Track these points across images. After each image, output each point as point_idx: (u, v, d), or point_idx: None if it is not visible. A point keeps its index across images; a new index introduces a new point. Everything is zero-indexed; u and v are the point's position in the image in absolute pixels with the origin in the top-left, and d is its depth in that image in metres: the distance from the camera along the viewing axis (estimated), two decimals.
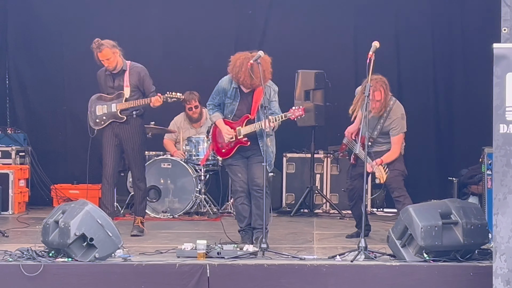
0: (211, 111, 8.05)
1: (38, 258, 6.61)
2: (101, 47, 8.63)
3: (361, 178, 7.79)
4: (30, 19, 12.12)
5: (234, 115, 7.90)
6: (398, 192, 8.17)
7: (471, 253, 6.72)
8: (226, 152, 7.96)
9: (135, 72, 8.86)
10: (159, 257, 6.96)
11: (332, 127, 11.06)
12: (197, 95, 10.83)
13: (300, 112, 7.81)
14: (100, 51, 8.63)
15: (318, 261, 6.71)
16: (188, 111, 10.88)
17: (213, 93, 8.07)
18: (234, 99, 7.88)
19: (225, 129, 7.88)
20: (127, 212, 10.38)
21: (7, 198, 10.66)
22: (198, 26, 12.00)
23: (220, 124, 7.94)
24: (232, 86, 7.87)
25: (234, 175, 7.97)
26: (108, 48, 8.64)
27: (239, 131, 7.82)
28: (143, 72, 8.93)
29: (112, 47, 8.71)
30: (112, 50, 8.69)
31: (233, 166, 7.96)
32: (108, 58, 8.66)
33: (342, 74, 11.38)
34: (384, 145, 8.29)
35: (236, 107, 7.88)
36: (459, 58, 11.42)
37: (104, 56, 8.65)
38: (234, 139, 7.85)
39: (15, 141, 11.37)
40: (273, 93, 7.88)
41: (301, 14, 11.87)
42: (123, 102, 8.74)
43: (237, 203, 7.97)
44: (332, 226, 9.64)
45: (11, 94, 12.14)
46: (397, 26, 11.73)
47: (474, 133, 10.75)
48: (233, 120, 7.91)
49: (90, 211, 6.70)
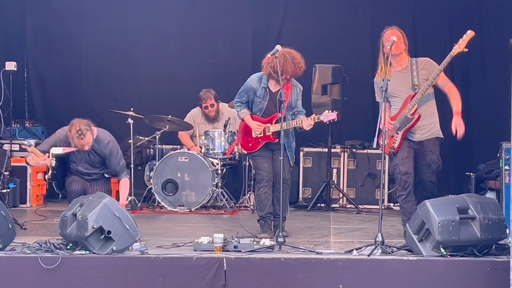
0: (239, 107, 8.17)
1: (56, 251, 6.64)
2: (84, 132, 8.06)
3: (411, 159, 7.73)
4: (48, 14, 12.18)
5: (264, 113, 8.08)
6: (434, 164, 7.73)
7: (488, 248, 6.69)
8: (252, 146, 8.15)
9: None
10: (176, 250, 6.97)
11: (349, 122, 11.06)
12: (213, 93, 10.81)
13: (334, 116, 8.02)
14: (83, 138, 8.08)
15: (335, 255, 6.70)
16: (204, 110, 10.88)
17: (241, 91, 8.17)
18: (264, 98, 8.04)
19: (254, 124, 8.07)
20: (144, 205, 10.41)
21: (25, 191, 10.72)
22: (215, 22, 12.03)
23: (248, 120, 8.11)
24: (262, 85, 8.02)
25: (260, 165, 8.14)
26: (89, 132, 8.11)
27: (268, 128, 8.02)
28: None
29: (90, 128, 8.17)
30: (91, 132, 8.16)
31: (259, 158, 8.15)
32: (88, 142, 8.16)
33: (359, 68, 11.36)
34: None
35: (266, 105, 8.05)
36: (477, 53, 11.36)
37: (86, 141, 8.13)
38: (262, 134, 8.04)
39: (33, 134, 11.43)
40: (299, 91, 8.12)
41: (318, 8, 11.86)
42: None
43: (260, 191, 8.11)
44: (348, 221, 9.63)
45: (29, 88, 12.20)
46: (414, 21, 11.70)
47: (491, 128, 10.72)
48: (262, 117, 8.10)
49: (108, 204, 6.72)
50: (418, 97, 7.58)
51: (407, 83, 7.69)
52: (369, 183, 10.95)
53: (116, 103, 11.50)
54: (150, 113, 10.75)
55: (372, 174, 10.92)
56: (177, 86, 11.96)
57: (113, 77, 12.28)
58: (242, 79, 8.48)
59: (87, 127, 8.10)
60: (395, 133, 7.67)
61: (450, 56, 7.46)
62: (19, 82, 11.84)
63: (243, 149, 8.43)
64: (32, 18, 12.20)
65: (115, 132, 10.62)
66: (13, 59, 11.31)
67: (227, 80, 11.30)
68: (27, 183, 10.73)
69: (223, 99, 10.91)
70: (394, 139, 7.67)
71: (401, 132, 7.64)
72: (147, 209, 10.28)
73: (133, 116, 10.47)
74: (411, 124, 7.62)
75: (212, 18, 12.02)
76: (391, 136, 7.68)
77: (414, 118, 7.59)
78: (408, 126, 7.63)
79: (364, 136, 11.10)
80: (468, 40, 7.44)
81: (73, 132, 8.06)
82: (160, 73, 12.11)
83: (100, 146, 8.32)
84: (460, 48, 7.46)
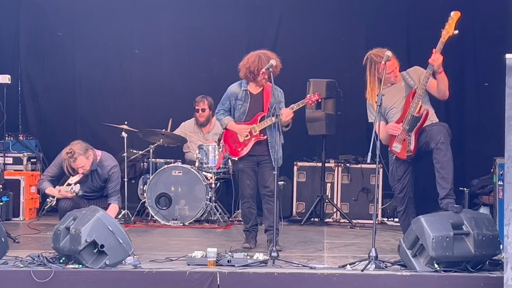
0: (222, 115, 8.31)
1: (48, 264, 6.64)
2: (76, 155, 8.11)
3: (410, 173, 7.71)
4: (42, 27, 12.19)
5: (246, 115, 8.19)
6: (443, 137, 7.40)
7: (482, 264, 6.69)
8: (242, 150, 8.22)
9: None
10: (170, 264, 6.96)
11: (343, 136, 11.08)
12: (209, 99, 10.90)
13: (317, 97, 8.45)
14: (74, 161, 8.14)
15: (328, 270, 6.70)
16: (196, 113, 10.95)
17: (222, 99, 8.37)
18: (245, 100, 8.20)
19: (240, 128, 8.18)
20: (138, 219, 10.39)
21: (18, 204, 10.69)
22: (209, 35, 12.05)
23: (232, 125, 8.23)
24: (242, 88, 8.22)
25: (243, 182, 8.29)
26: (82, 156, 8.16)
27: (254, 129, 8.13)
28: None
29: (85, 152, 8.22)
30: (85, 156, 8.21)
31: (243, 172, 8.26)
32: (82, 165, 8.21)
33: (353, 83, 11.34)
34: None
35: (248, 107, 8.18)
36: (471, 69, 11.40)
37: (78, 164, 8.19)
38: (249, 136, 8.15)
39: (26, 147, 11.42)
40: (280, 94, 8.26)
41: (312, 23, 11.87)
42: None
43: (244, 207, 8.38)
44: (342, 235, 9.63)
45: (23, 101, 12.20)
46: (408, 36, 11.73)
47: (485, 144, 10.72)
48: (245, 121, 8.20)
49: (101, 218, 6.72)
50: (420, 92, 7.46)
51: (401, 91, 7.68)
52: (363, 197, 10.94)
53: (109, 117, 11.49)
54: (144, 126, 10.75)
55: (366, 188, 10.91)
56: (171, 99, 11.96)
57: (107, 91, 12.28)
58: None
59: (81, 152, 8.09)
60: (406, 135, 7.55)
61: (441, 42, 7.34)
62: (13, 95, 11.83)
63: (233, 156, 8.40)
64: (25, 32, 12.21)
65: (108, 146, 10.67)
66: (7, 72, 11.29)
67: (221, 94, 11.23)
68: (20, 196, 10.70)
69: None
70: (407, 142, 7.54)
71: (413, 133, 7.51)
72: (141, 223, 10.25)
73: (127, 129, 10.46)
74: (421, 122, 7.49)
75: (206, 32, 12.04)
76: (403, 140, 7.56)
77: (423, 116, 7.48)
78: (418, 125, 7.50)
79: (358, 151, 11.09)
80: (455, 21, 7.30)
81: (64, 154, 8.11)
82: (154, 86, 12.11)
83: (103, 171, 8.36)
84: (449, 31, 7.32)
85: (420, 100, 7.50)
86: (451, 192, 7.27)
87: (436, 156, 7.37)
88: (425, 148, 7.52)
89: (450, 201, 7.19)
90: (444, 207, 7.15)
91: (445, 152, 7.35)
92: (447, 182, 7.29)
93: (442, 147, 7.35)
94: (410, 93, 7.59)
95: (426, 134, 7.51)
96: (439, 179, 7.33)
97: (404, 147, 7.59)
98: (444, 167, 7.29)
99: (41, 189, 8.34)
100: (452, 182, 7.31)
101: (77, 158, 8.07)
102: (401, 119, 7.61)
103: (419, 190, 9.02)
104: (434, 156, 7.39)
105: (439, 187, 7.33)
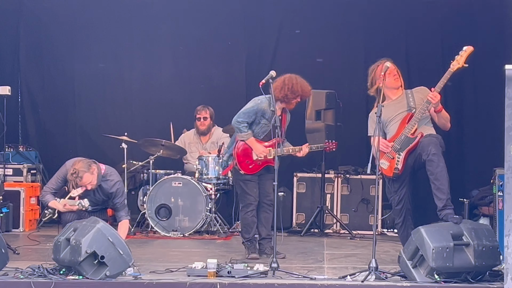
0: (246, 128, 8.28)
1: (49, 276, 6.64)
2: (81, 174, 8.02)
3: (407, 185, 7.69)
4: (41, 38, 12.21)
5: (265, 135, 8.29)
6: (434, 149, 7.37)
7: (482, 275, 6.69)
8: (253, 168, 8.33)
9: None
10: (170, 275, 6.96)
11: (342, 147, 11.04)
12: (210, 109, 10.96)
13: (334, 146, 8.91)
14: (81, 180, 8.05)
15: (328, 281, 6.70)
16: (197, 121, 10.98)
17: (249, 111, 8.28)
18: (270, 121, 8.19)
19: (258, 147, 8.26)
20: (138, 230, 10.39)
21: (18, 215, 10.68)
22: (208, 46, 12.07)
23: (252, 142, 8.28)
24: (271, 108, 8.18)
25: (250, 190, 8.34)
26: (87, 173, 8.06)
27: (270, 152, 8.23)
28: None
29: (89, 168, 8.13)
30: (90, 172, 8.11)
31: (250, 182, 8.35)
32: (89, 181, 8.12)
33: (353, 94, 11.39)
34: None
35: (270, 128, 8.21)
36: (470, 79, 11.40)
37: (85, 181, 8.09)
38: (263, 159, 8.26)
39: (26, 158, 11.43)
40: (289, 118, 8.49)
41: (311, 34, 11.89)
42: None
43: (248, 215, 8.36)
44: (342, 246, 9.63)
45: (23, 112, 12.21)
46: (407, 46, 11.74)
47: (485, 154, 10.73)
48: (263, 140, 8.32)
49: (102, 229, 6.73)
50: (418, 116, 7.48)
51: (402, 107, 7.68)
52: (363, 208, 10.95)
53: (109, 128, 11.49)
54: (143, 137, 10.76)
55: (366, 199, 10.92)
56: (170, 110, 11.96)
57: (107, 102, 12.29)
58: (236, 103, 8.46)
59: (84, 169, 8.05)
60: (396, 154, 7.56)
61: (448, 72, 7.35)
62: (13, 106, 11.83)
63: (241, 170, 8.40)
64: (25, 43, 12.22)
65: (108, 157, 10.66)
66: (7, 83, 11.29)
67: (221, 105, 11.32)
68: (20, 207, 10.70)
69: (217, 123, 10.96)
70: (395, 160, 7.55)
71: (404, 153, 7.54)
72: (141, 234, 10.26)
73: (126, 140, 10.47)
74: (413, 144, 7.50)
75: (205, 43, 12.06)
76: (392, 158, 7.57)
77: (417, 138, 7.49)
78: (410, 147, 7.51)
79: (357, 162, 11.10)
80: (467, 55, 7.35)
81: (69, 176, 8.04)
82: (153, 97, 12.13)
83: (107, 186, 8.31)
84: (459, 63, 7.33)
85: (417, 123, 7.53)
86: (449, 202, 7.26)
87: (429, 168, 7.37)
88: (419, 160, 7.52)
89: (449, 212, 7.18)
90: (443, 218, 7.14)
91: (438, 163, 7.33)
92: (443, 193, 7.28)
93: (434, 158, 7.34)
94: (407, 116, 7.60)
95: (419, 146, 7.52)
96: (435, 190, 7.33)
97: (392, 165, 7.60)
98: (438, 178, 7.29)
99: (45, 202, 8.31)
100: (448, 192, 7.30)
101: (82, 177, 8.01)
102: (394, 138, 7.63)
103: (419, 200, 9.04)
104: (428, 168, 7.39)
105: (436, 199, 7.32)
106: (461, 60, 7.35)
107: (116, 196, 8.32)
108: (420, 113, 7.49)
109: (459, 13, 11.51)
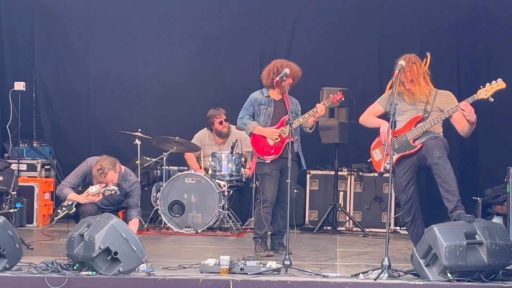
0: (248, 120, 8.39)
1: (62, 271, 6.64)
2: (106, 170, 8.18)
3: (414, 183, 7.63)
4: (56, 34, 12.26)
5: (272, 119, 8.35)
6: (439, 152, 7.34)
7: (495, 274, 6.67)
8: (275, 151, 8.32)
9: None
10: (183, 272, 6.96)
11: (356, 145, 11.06)
12: (223, 110, 10.92)
13: (340, 96, 8.59)
14: (105, 176, 8.19)
15: (341, 279, 6.69)
16: (219, 125, 10.91)
17: (245, 105, 8.47)
18: (269, 105, 8.35)
19: (269, 131, 8.30)
20: (151, 226, 10.41)
21: (32, 210, 10.75)
22: (222, 44, 12.09)
23: (261, 130, 8.33)
24: (264, 95, 8.39)
25: (267, 186, 8.32)
26: (111, 171, 8.22)
27: (283, 131, 8.26)
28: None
29: (114, 166, 8.28)
30: (114, 170, 8.26)
31: (269, 177, 8.32)
32: (112, 179, 8.25)
33: (366, 91, 11.35)
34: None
35: (272, 112, 8.33)
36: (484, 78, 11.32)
37: (108, 179, 8.23)
38: (279, 139, 8.27)
39: (40, 154, 11.48)
40: (296, 103, 8.54)
41: (325, 31, 11.90)
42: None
43: (263, 211, 8.30)
44: (355, 244, 9.62)
45: (37, 108, 12.26)
46: (421, 44, 11.71)
47: (499, 153, 10.71)
48: (271, 125, 8.36)
49: (115, 225, 6.73)
50: (427, 126, 7.44)
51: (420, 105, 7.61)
52: (376, 206, 10.95)
53: (123, 124, 11.54)
54: (157, 134, 10.78)
55: (379, 197, 10.92)
56: (184, 107, 12.00)
57: (121, 98, 12.33)
58: None
59: (110, 166, 8.19)
60: (391, 152, 7.47)
61: (472, 98, 7.29)
62: (28, 102, 11.88)
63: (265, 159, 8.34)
64: (40, 39, 12.28)
65: (122, 153, 10.70)
66: (22, 79, 11.38)
67: (234, 102, 11.24)
68: (34, 203, 10.77)
69: (230, 121, 10.96)
70: (389, 158, 7.36)
71: (398, 155, 7.55)
72: (154, 230, 10.28)
73: (140, 137, 10.50)
74: (410, 152, 7.51)
75: (219, 40, 12.08)
76: (387, 154, 7.39)
77: (416, 148, 7.48)
78: (406, 153, 7.53)
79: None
80: (497, 89, 7.28)
81: (94, 171, 8.21)
82: (167, 94, 12.16)
83: (125, 185, 8.45)
84: (486, 95, 7.27)
85: (423, 132, 7.48)
86: (459, 204, 7.22)
87: (436, 171, 7.34)
88: (424, 162, 7.51)
89: (460, 212, 7.15)
90: (456, 219, 7.11)
91: (444, 165, 7.30)
92: (453, 195, 7.24)
93: (440, 162, 7.31)
94: (417, 118, 7.56)
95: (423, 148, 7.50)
96: (444, 193, 7.29)
97: (384, 159, 7.39)
98: (446, 181, 7.25)
99: (63, 195, 8.36)
100: (457, 194, 7.24)
101: (107, 173, 8.19)
102: (397, 133, 7.57)
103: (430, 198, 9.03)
104: (435, 172, 7.36)
105: (446, 201, 7.29)
106: (489, 91, 7.30)
107: (132, 195, 8.46)
108: (430, 124, 7.46)
109: (475, 11, 11.49)
